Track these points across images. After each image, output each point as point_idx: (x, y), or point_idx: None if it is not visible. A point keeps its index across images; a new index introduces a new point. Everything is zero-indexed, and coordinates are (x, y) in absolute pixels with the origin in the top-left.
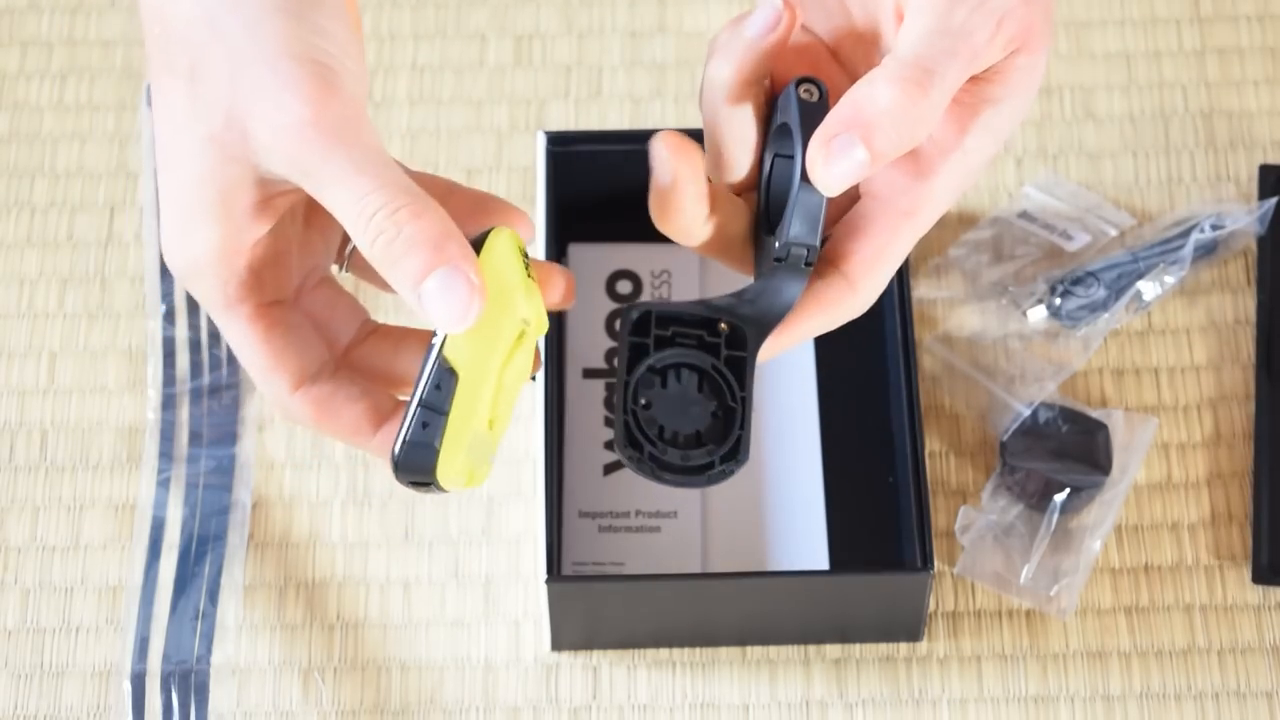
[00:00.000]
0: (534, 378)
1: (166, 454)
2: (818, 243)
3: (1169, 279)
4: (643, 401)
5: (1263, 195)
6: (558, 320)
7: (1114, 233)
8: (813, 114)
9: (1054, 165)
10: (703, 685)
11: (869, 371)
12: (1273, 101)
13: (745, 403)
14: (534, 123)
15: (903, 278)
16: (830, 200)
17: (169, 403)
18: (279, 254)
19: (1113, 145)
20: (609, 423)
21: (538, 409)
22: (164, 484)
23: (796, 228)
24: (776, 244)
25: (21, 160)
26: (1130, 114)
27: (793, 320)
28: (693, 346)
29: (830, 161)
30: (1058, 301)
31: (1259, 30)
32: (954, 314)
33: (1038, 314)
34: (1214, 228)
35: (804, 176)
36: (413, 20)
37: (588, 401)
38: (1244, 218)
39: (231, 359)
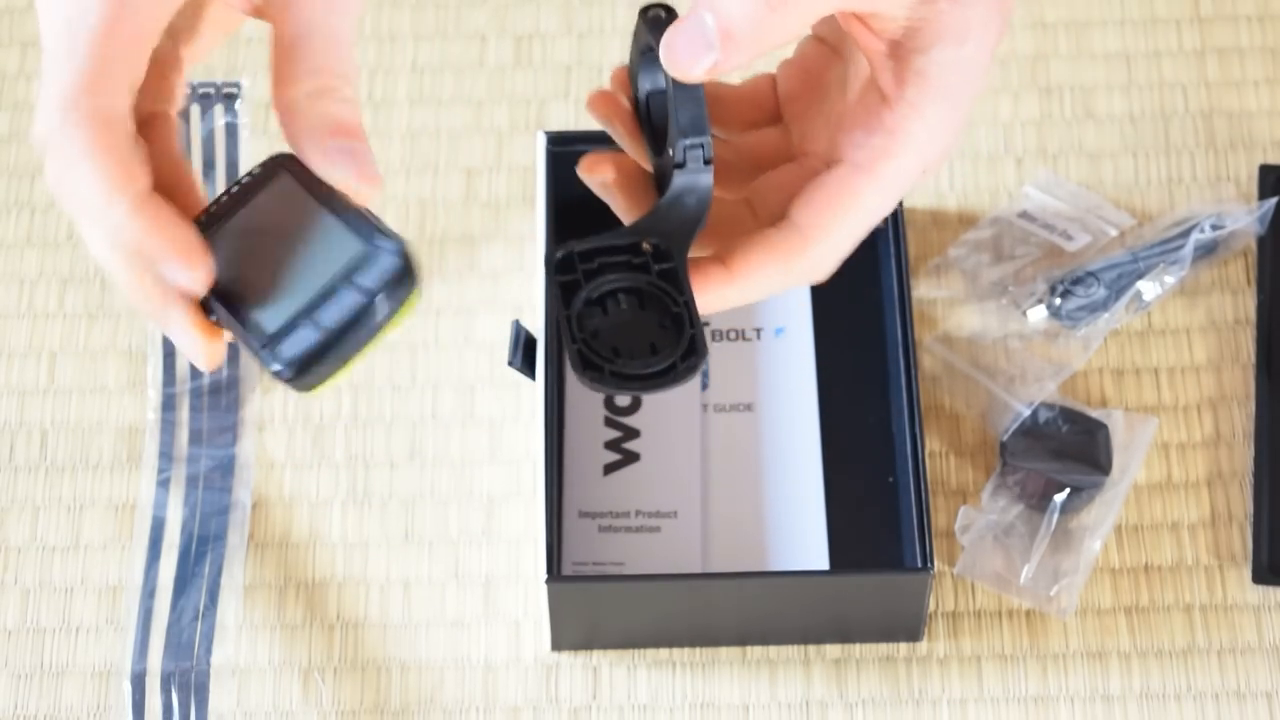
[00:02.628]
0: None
1: (166, 454)
2: (708, 135)
3: (1169, 279)
4: (590, 331)
5: (1263, 195)
6: (557, 321)
7: (1114, 233)
8: (664, 28)
9: (1054, 165)
10: (703, 685)
11: (869, 371)
12: (1273, 101)
13: (689, 305)
14: (534, 123)
15: (902, 278)
16: (795, 166)
17: (169, 403)
18: (161, 60)
19: (1113, 145)
20: (609, 423)
21: (538, 409)
22: (164, 484)
23: (682, 122)
24: (671, 152)
25: (21, 160)
26: (1130, 114)
27: (741, 266)
28: (622, 271)
29: (677, 37)
30: (1058, 301)
31: (1259, 30)
32: (954, 314)
33: (1038, 314)
34: (1214, 228)
35: (674, 82)
36: (413, 20)
37: (588, 401)
38: (1244, 218)
39: (232, 359)
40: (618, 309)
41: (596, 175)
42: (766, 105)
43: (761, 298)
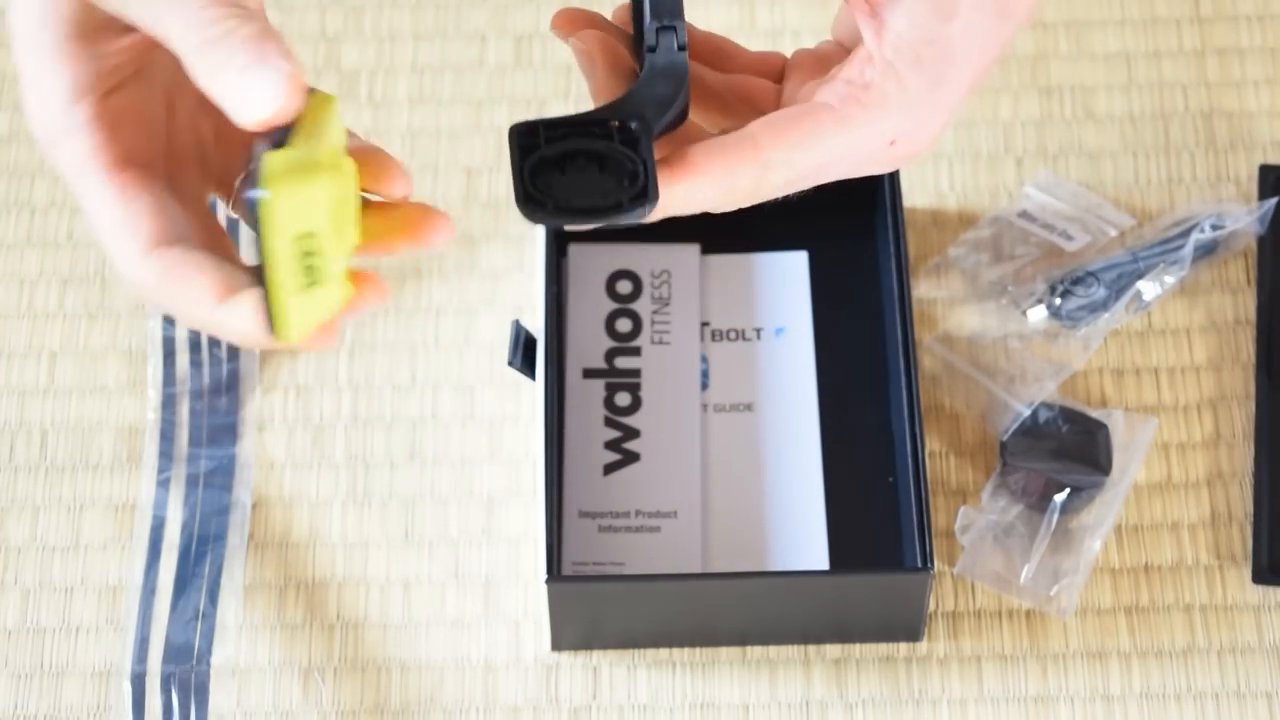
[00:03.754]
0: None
1: (166, 454)
2: (682, 20)
3: (1169, 279)
4: (544, 186)
5: (1263, 195)
6: (557, 320)
7: (1114, 233)
8: None
9: (1054, 165)
10: (703, 685)
11: (869, 371)
12: (1273, 101)
13: (647, 165)
14: None
15: (902, 277)
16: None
17: (169, 403)
18: (145, 115)
19: (1113, 145)
20: (609, 423)
21: (538, 409)
22: (164, 484)
23: (656, 5)
24: (645, 37)
25: (21, 160)
26: (1130, 114)
27: (688, 161)
28: (584, 137)
29: None
30: (1058, 301)
31: (1259, 30)
32: (954, 314)
33: (1038, 314)
34: (1214, 228)
35: None
36: (413, 20)
37: (588, 401)
38: (1244, 218)
39: (232, 359)
40: (576, 169)
41: (581, 42)
42: (772, 71)
43: (703, 204)
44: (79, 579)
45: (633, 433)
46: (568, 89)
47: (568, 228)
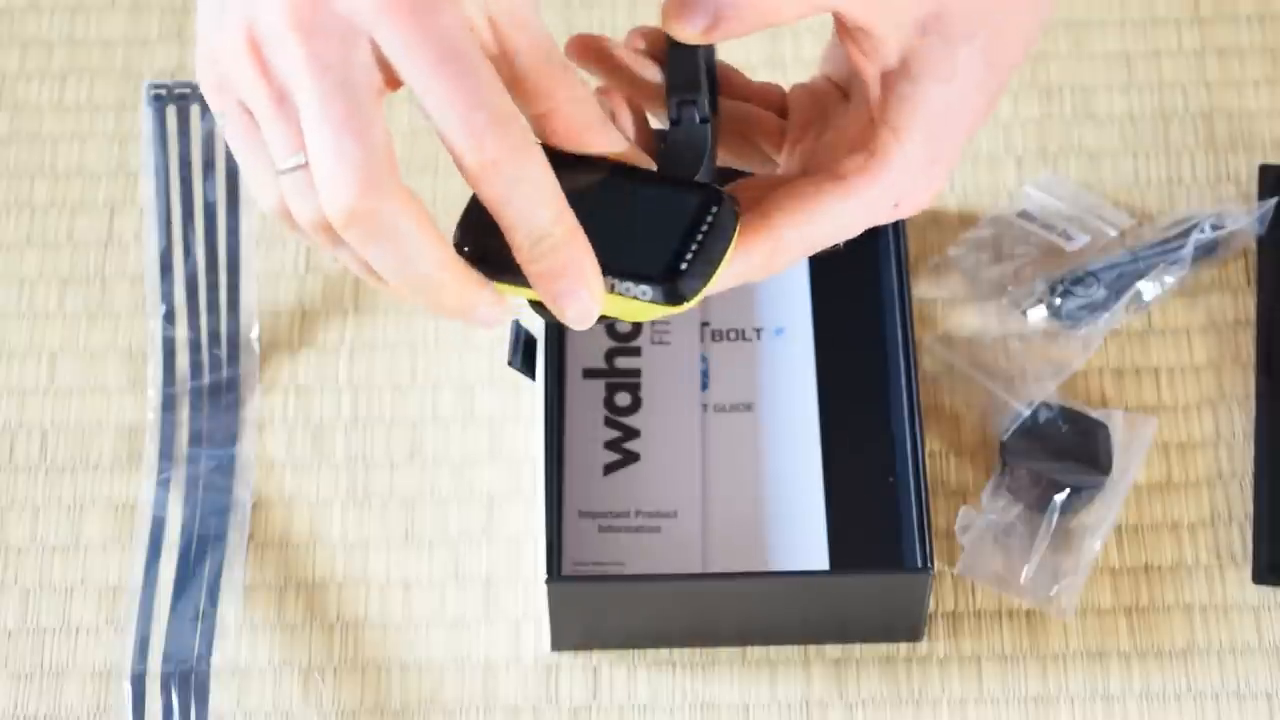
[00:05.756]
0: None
1: (166, 454)
2: (703, 93)
3: (1169, 279)
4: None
5: (1263, 195)
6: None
7: (1114, 233)
8: None
9: (1054, 165)
10: (703, 685)
11: (869, 371)
12: (1273, 101)
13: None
14: None
15: (902, 277)
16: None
17: (169, 403)
18: None
19: (1113, 145)
20: (609, 423)
21: (538, 409)
22: (164, 484)
23: (675, 79)
24: (668, 109)
25: (21, 160)
26: (1130, 114)
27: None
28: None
29: (679, 14)
30: (1058, 301)
31: (1259, 30)
32: (954, 314)
33: (1038, 314)
34: (1214, 228)
35: (673, 41)
36: None
37: (588, 401)
38: (1244, 218)
39: (232, 359)
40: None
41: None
42: (774, 103)
43: (719, 285)
44: (79, 579)
45: (633, 433)
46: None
47: None
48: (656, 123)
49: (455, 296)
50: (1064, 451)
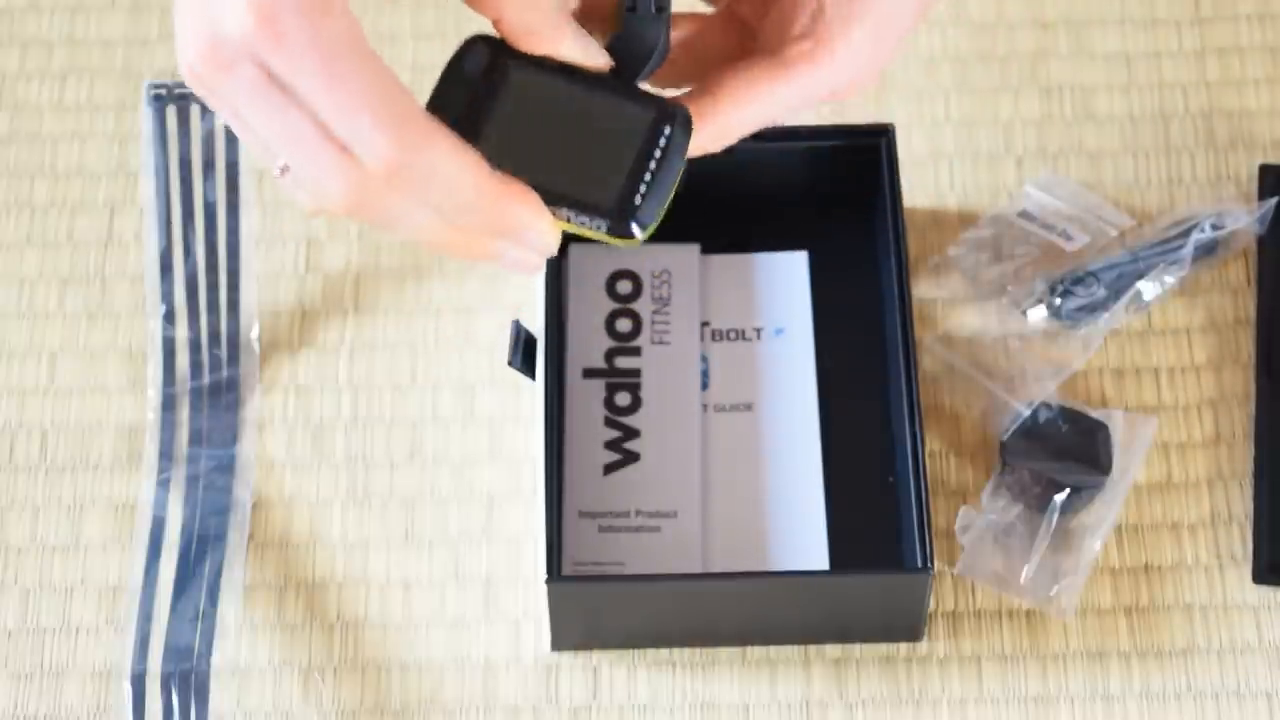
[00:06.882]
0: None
1: (166, 454)
2: None
3: (1169, 279)
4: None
5: (1263, 195)
6: (558, 320)
7: (1114, 233)
8: None
9: (1054, 165)
10: (703, 685)
11: (869, 371)
12: (1273, 101)
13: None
14: None
15: (903, 277)
16: (717, 41)
17: (169, 403)
18: None
19: (1113, 145)
20: (609, 423)
21: (538, 409)
22: (164, 484)
23: None
24: None
25: (21, 160)
26: (1130, 114)
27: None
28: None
29: None
30: (1058, 301)
31: (1259, 30)
32: (954, 314)
33: (1038, 314)
34: (1214, 228)
35: None
36: (413, 20)
37: (588, 401)
38: (1244, 218)
39: (232, 359)
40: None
41: None
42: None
43: None
44: (79, 579)
45: (633, 433)
46: None
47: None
48: None
49: (507, 215)
50: (1064, 451)
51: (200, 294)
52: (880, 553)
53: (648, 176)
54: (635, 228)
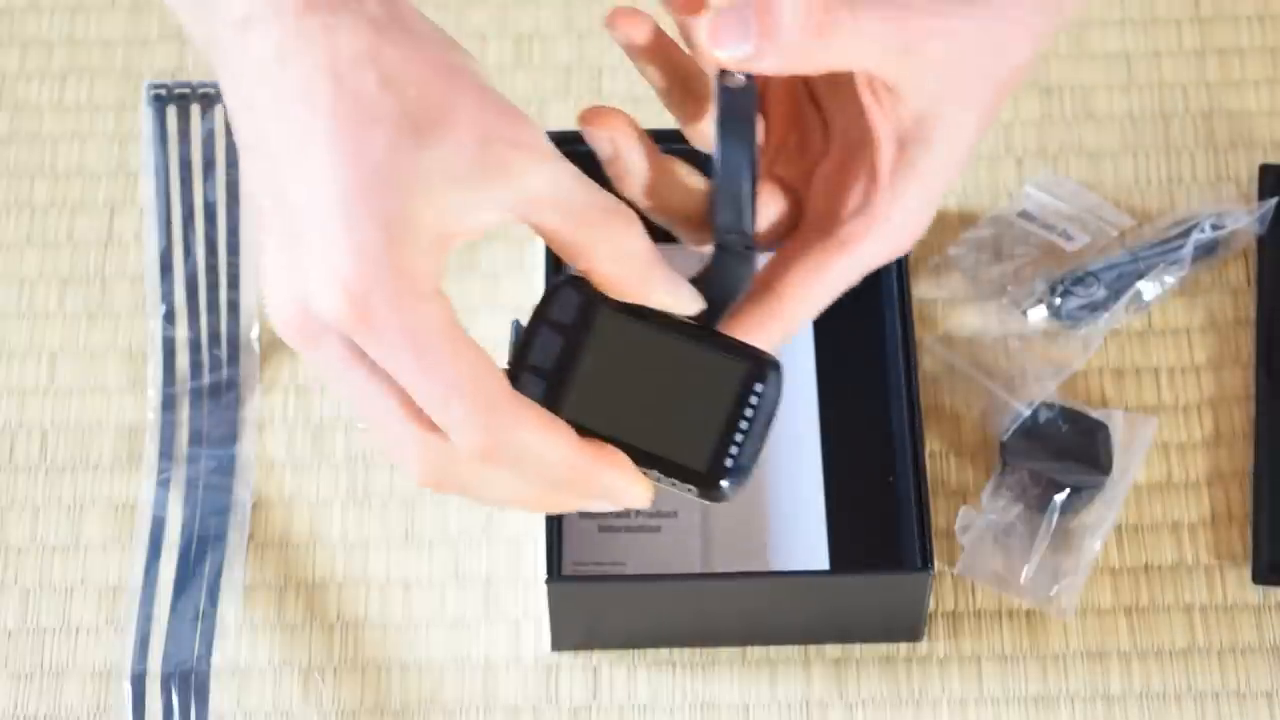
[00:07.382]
0: None
1: (166, 454)
2: (748, 227)
3: (1169, 279)
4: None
5: (1263, 195)
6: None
7: (1114, 233)
8: (733, 100)
9: (1054, 165)
10: (703, 685)
11: (869, 371)
12: (1273, 101)
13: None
14: None
15: (902, 278)
16: (771, 212)
17: (169, 403)
18: None
19: (1113, 145)
20: None
21: None
22: (164, 484)
23: (722, 216)
24: (713, 231)
25: (21, 160)
26: (1130, 114)
27: (727, 328)
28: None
29: (721, 19)
30: (1058, 301)
31: (1259, 30)
32: (954, 314)
33: (1038, 314)
34: (1214, 228)
35: (724, 166)
36: None
37: None
38: (1244, 218)
39: (232, 359)
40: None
41: (609, 129)
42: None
43: None
44: (79, 579)
45: None
46: (567, 89)
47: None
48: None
49: (598, 483)
50: (1064, 451)
51: (200, 294)
52: (880, 553)
53: (739, 438)
54: (725, 488)
